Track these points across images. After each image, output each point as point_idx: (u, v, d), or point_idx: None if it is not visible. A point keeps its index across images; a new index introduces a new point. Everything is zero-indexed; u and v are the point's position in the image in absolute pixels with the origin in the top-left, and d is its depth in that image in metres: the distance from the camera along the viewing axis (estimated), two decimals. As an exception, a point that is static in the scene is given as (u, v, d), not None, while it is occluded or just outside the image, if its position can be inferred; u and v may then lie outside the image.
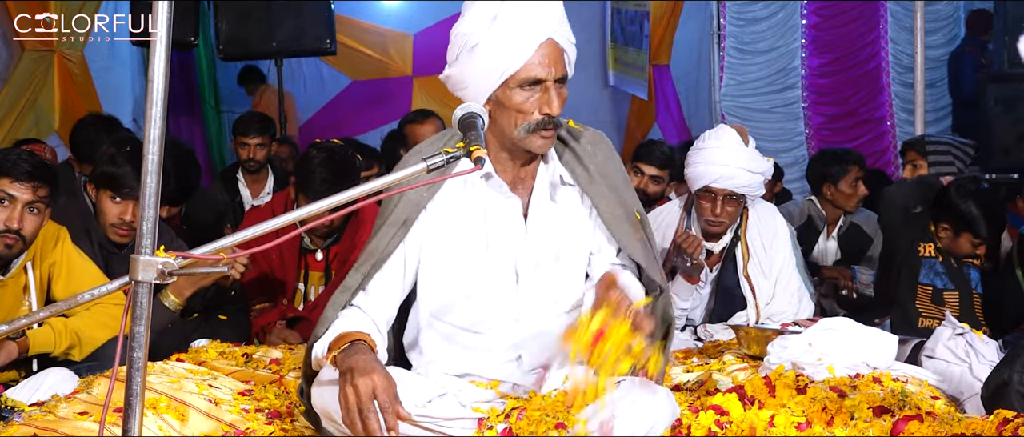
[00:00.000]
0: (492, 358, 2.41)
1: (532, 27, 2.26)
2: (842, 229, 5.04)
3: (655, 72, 8.23)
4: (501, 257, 2.39)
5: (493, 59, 2.26)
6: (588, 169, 2.42)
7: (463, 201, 2.41)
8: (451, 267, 2.40)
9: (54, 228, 3.11)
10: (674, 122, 8.54)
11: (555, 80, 2.27)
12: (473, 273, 2.39)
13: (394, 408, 2.06)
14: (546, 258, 2.40)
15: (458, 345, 2.41)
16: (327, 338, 2.26)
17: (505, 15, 2.27)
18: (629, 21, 8.25)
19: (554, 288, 2.41)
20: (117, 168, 3.32)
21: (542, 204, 2.41)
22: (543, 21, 2.27)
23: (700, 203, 3.67)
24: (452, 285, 2.40)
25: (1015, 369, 2.43)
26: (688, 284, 3.63)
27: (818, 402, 2.47)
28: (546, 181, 2.42)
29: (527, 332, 2.40)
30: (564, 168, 2.43)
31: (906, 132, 8.46)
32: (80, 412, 2.38)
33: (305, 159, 3.69)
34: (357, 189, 1.87)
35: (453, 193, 2.40)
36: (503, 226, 2.39)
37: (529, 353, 2.41)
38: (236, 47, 7.01)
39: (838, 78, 8.88)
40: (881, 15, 8.76)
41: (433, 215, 2.41)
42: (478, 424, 2.25)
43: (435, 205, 2.41)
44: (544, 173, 2.43)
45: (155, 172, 1.71)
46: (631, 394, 2.19)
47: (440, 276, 2.40)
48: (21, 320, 2.33)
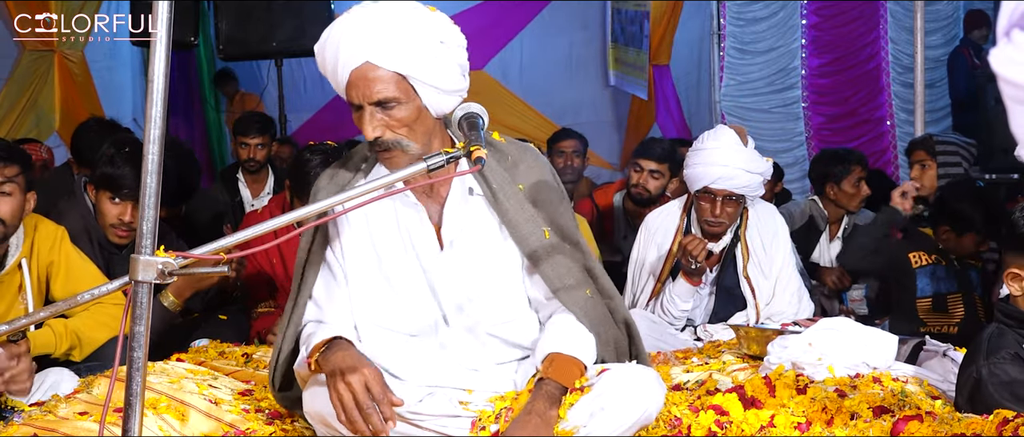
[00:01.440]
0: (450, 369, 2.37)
1: (342, 53, 2.19)
2: (846, 231, 5.04)
3: (655, 72, 8.22)
4: (418, 265, 2.35)
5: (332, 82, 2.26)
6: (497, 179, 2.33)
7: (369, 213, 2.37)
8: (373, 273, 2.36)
9: (53, 228, 3.11)
10: (674, 122, 8.53)
11: (374, 103, 2.20)
12: (394, 281, 2.36)
13: (388, 398, 2.06)
14: (465, 270, 2.35)
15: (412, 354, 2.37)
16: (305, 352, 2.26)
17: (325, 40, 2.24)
18: (629, 21, 8.24)
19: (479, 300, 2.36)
20: (116, 169, 3.32)
21: (455, 215, 2.35)
22: (353, 46, 2.18)
23: (700, 204, 3.67)
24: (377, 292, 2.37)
25: (980, 364, 2.44)
26: (689, 285, 3.63)
27: (818, 402, 2.47)
28: (462, 190, 2.36)
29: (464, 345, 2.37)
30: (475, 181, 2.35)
31: (906, 132, 8.47)
32: (80, 412, 2.38)
33: (300, 162, 3.67)
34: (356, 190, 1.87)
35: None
36: (416, 234, 2.35)
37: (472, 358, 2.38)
38: (236, 47, 7.01)
39: (838, 78, 8.88)
40: (881, 15, 8.76)
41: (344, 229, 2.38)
42: (471, 425, 2.24)
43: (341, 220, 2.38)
44: (458, 182, 2.36)
45: (155, 172, 1.71)
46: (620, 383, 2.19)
47: (365, 282, 2.37)
48: (21, 320, 2.32)
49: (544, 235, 2.32)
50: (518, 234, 2.32)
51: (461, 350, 2.37)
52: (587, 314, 2.33)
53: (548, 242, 2.33)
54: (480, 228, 2.36)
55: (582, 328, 2.32)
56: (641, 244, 3.86)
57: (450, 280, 2.35)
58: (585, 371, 2.26)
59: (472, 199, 2.36)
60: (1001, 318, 2.53)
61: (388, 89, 2.19)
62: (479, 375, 2.37)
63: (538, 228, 2.32)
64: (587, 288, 2.36)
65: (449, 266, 2.34)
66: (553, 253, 2.33)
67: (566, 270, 2.34)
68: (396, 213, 2.36)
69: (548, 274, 2.32)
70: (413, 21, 2.21)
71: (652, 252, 3.80)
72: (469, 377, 2.36)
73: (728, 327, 3.55)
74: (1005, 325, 2.51)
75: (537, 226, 2.33)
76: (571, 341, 2.28)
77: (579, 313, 2.32)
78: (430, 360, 2.36)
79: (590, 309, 2.34)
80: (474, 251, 2.35)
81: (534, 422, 2.11)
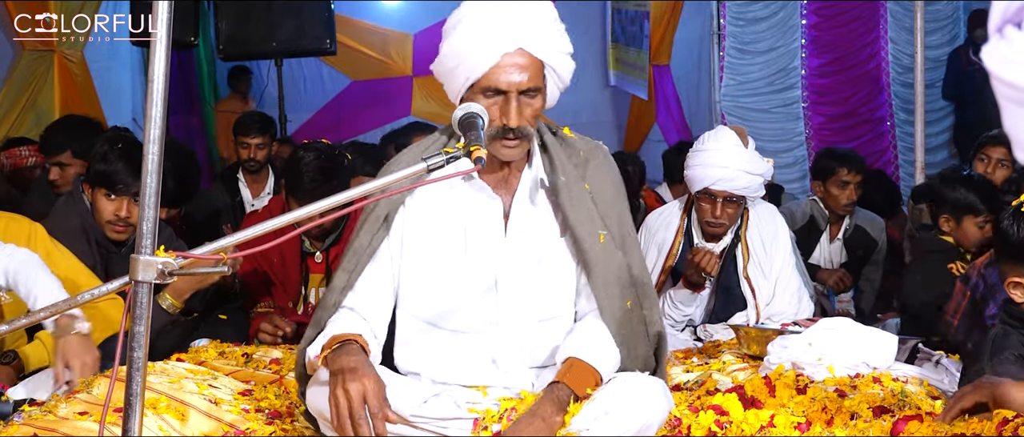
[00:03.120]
0: (471, 363, 2.37)
1: (496, 35, 2.19)
2: (847, 232, 5.03)
3: (655, 72, 8.23)
4: (480, 259, 2.36)
5: (459, 63, 2.23)
6: (566, 178, 2.34)
7: (443, 199, 2.37)
8: (430, 267, 2.37)
9: (26, 224, 3.09)
10: (674, 122, 8.53)
11: (520, 92, 2.21)
12: (452, 274, 2.36)
13: (383, 413, 2.05)
14: (527, 262, 2.36)
15: (438, 348, 2.38)
16: (321, 340, 2.25)
17: (470, 19, 2.23)
18: (629, 21, 8.24)
19: (534, 293, 2.37)
20: (109, 166, 3.31)
21: (523, 207, 2.37)
22: (510, 30, 2.19)
23: (700, 205, 3.67)
24: (431, 286, 2.37)
25: (983, 364, 2.44)
26: (690, 292, 3.64)
27: (818, 402, 2.47)
28: (528, 184, 2.37)
29: (504, 337, 2.38)
30: (545, 174, 2.37)
31: (906, 132, 8.47)
32: (80, 412, 2.38)
33: (294, 160, 3.66)
34: (355, 190, 1.87)
35: (434, 190, 2.36)
36: (483, 227, 2.36)
37: (505, 358, 2.38)
38: (236, 47, 7.01)
39: (838, 78, 8.88)
40: (881, 15, 8.76)
41: (412, 212, 2.37)
42: (474, 424, 2.24)
43: (414, 202, 2.38)
44: (528, 175, 2.38)
45: (155, 172, 1.71)
46: (625, 390, 2.19)
47: (419, 276, 2.37)
48: (21, 320, 2.32)
49: (599, 238, 2.33)
50: (576, 233, 2.33)
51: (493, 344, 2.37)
52: (622, 325, 2.33)
53: (601, 245, 2.33)
54: (543, 222, 2.38)
55: (608, 338, 2.31)
56: (641, 245, 3.86)
57: (510, 269, 2.35)
58: (600, 382, 2.24)
59: (541, 194, 2.38)
60: (1006, 319, 2.53)
61: (537, 78, 2.23)
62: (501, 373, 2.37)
63: (595, 230, 2.33)
64: (629, 299, 2.35)
65: (511, 256, 2.35)
66: (604, 252, 2.33)
67: (611, 272, 2.34)
68: (473, 205, 2.36)
69: (593, 269, 2.32)
70: (552, 12, 2.27)
71: (652, 252, 3.80)
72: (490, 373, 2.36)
73: (728, 327, 3.55)
74: (1010, 326, 2.51)
75: (595, 227, 2.33)
76: (594, 349, 2.27)
77: (612, 322, 2.32)
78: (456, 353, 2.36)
79: (626, 321, 2.34)
80: (535, 244, 2.37)
81: (536, 424, 2.11)
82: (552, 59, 2.25)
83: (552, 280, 2.39)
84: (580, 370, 2.22)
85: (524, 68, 2.21)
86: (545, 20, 2.25)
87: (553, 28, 2.26)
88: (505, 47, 2.19)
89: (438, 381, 2.37)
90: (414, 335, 2.40)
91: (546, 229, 2.38)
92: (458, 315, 2.37)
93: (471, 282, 2.36)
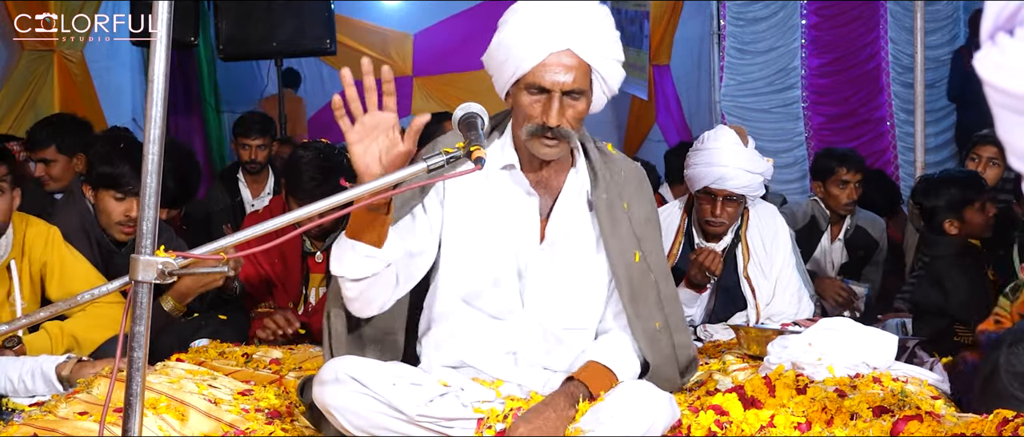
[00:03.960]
0: (492, 350, 2.39)
1: (546, 33, 2.21)
2: (848, 232, 5.02)
3: (655, 72, 8.23)
4: (513, 251, 2.37)
5: (508, 57, 2.25)
6: (608, 195, 2.36)
7: (482, 187, 2.38)
8: (467, 247, 2.38)
9: (44, 228, 3.09)
10: (674, 122, 8.53)
11: (565, 92, 2.22)
12: (486, 257, 2.37)
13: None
14: (559, 266, 2.37)
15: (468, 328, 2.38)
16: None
17: (523, 15, 2.24)
18: (629, 21, 8.24)
19: (563, 298, 2.38)
20: (115, 167, 3.31)
21: (565, 213, 2.38)
22: (559, 29, 2.21)
23: (700, 204, 3.67)
24: (467, 264, 2.38)
25: (1001, 350, 2.43)
26: (692, 293, 3.64)
27: (818, 402, 2.47)
28: (574, 191, 2.39)
29: (528, 332, 2.39)
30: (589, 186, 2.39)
31: (906, 132, 8.46)
32: (80, 412, 2.38)
33: (293, 160, 3.67)
34: (356, 189, 1.87)
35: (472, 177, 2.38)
36: (520, 222, 2.37)
37: (525, 353, 2.39)
38: (236, 47, 7.01)
39: (838, 78, 8.87)
40: (881, 15, 8.75)
41: (453, 193, 2.38)
42: (478, 424, 2.24)
43: (454, 184, 2.39)
44: (573, 183, 2.39)
45: (155, 172, 1.71)
46: (630, 394, 2.19)
47: (457, 253, 2.38)
48: (21, 320, 2.33)
49: (635, 257, 2.35)
50: (611, 247, 2.34)
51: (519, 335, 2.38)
52: (651, 344, 2.35)
53: (637, 265, 2.34)
54: (582, 233, 2.38)
55: (631, 349, 2.33)
56: (641, 244, 3.86)
57: (539, 275, 2.36)
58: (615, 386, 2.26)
59: (583, 203, 2.38)
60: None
61: (582, 80, 2.23)
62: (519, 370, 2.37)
63: (631, 248, 2.35)
64: (658, 321, 2.37)
65: (544, 261, 2.36)
66: (637, 277, 2.35)
67: (642, 291, 2.35)
68: (510, 196, 2.37)
69: (624, 287, 2.34)
70: (606, 17, 2.26)
71: (652, 252, 3.80)
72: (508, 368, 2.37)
73: (728, 327, 3.55)
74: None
75: (631, 246, 2.35)
76: (615, 355, 2.29)
77: (642, 338, 2.33)
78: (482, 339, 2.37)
79: (655, 340, 2.36)
80: (570, 253, 2.37)
81: (548, 415, 2.12)
82: (600, 64, 2.25)
83: (582, 290, 2.40)
84: (597, 371, 2.24)
85: (570, 69, 2.22)
86: (598, 24, 2.25)
87: (606, 33, 2.26)
88: (553, 46, 2.21)
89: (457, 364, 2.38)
90: (451, 310, 2.39)
91: (583, 240, 2.40)
92: (488, 298, 2.37)
93: (503, 269, 2.37)
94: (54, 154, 4.47)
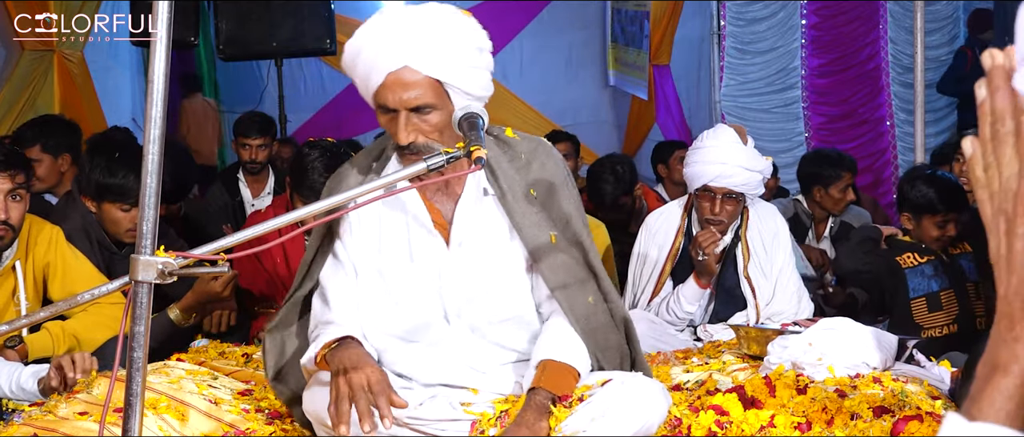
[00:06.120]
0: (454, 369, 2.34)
1: (381, 54, 2.17)
2: (833, 230, 5.03)
3: (655, 72, 8.23)
4: (425, 268, 2.34)
5: (358, 79, 2.24)
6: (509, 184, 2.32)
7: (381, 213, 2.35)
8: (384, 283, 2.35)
9: (49, 229, 3.09)
10: (674, 122, 8.53)
11: (410, 109, 2.18)
12: (404, 289, 2.34)
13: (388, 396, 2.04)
14: (471, 268, 2.34)
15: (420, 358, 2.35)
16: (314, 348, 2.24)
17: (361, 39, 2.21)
18: (629, 21, 8.25)
19: (484, 297, 2.35)
20: (118, 178, 3.28)
21: (467, 215, 2.34)
22: (394, 48, 2.16)
23: (700, 202, 3.68)
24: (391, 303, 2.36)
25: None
26: (698, 288, 3.63)
27: (818, 402, 2.47)
28: (472, 193, 2.35)
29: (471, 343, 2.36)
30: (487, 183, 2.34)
31: (906, 132, 8.46)
32: (80, 412, 2.38)
33: (299, 158, 3.68)
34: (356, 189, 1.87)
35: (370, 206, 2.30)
36: (424, 237, 2.34)
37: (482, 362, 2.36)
38: (236, 47, 7.01)
39: (838, 78, 8.88)
40: (881, 15, 8.75)
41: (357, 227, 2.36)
42: (471, 426, 2.24)
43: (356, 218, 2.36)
44: (471, 183, 2.35)
45: (155, 172, 1.71)
46: (622, 391, 2.18)
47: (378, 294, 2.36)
48: (21, 320, 2.33)
49: (550, 239, 2.31)
50: (524, 235, 2.31)
51: (463, 350, 2.35)
52: (589, 319, 2.31)
53: (553, 246, 2.31)
54: (490, 228, 2.35)
55: (573, 333, 2.29)
56: (641, 244, 3.86)
57: (455, 279, 2.34)
58: (579, 378, 2.24)
59: (485, 199, 2.34)
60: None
61: (425, 95, 2.17)
62: (484, 376, 2.35)
63: (545, 231, 2.31)
64: (590, 294, 2.33)
65: (455, 266, 2.34)
66: (556, 253, 2.31)
67: (567, 271, 2.32)
68: (405, 212, 2.35)
69: (548, 274, 2.31)
70: (452, 26, 2.19)
71: (652, 252, 3.80)
72: (473, 376, 2.35)
73: (728, 327, 3.55)
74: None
75: (544, 229, 2.31)
76: (564, 347, 2.26)
77: (580, 317, 2.30)
78: (434, 360, 2.34)
79: (592, 314, 2.32)
80: (481, 251, 2.34)
81: (522, 433, 2.11)
82: (447, 75, 2.18)
83: (502, 281, 2.36)
84: (555, 370, 2.21)
85: (412, 85, 2.17)
86: (441, 34, 2.18)
87: (452, 41, 2.18)
88: (390, 65, 2.16)
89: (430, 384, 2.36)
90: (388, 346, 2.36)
91: (493, 233, 2.35)
92: (424, 329, 2.35)
93: (422, 293, 2.34)
94: (39, 154, 4.44)
